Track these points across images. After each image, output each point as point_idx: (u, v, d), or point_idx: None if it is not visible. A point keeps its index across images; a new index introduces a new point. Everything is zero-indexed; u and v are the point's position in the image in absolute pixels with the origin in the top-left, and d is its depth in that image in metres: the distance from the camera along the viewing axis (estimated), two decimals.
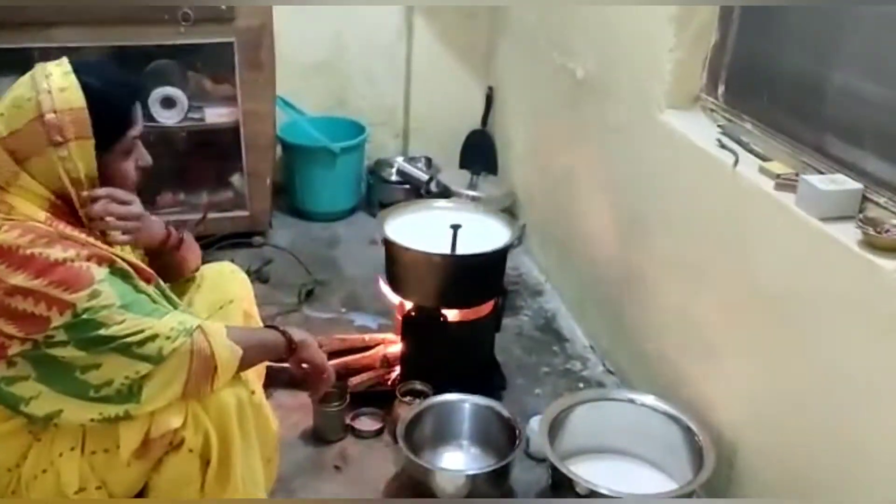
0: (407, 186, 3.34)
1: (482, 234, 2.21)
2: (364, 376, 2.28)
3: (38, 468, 1.46)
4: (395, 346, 2.33)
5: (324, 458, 2.10)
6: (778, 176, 1.70)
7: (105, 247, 1.42)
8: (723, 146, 1.91)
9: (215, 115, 2.95)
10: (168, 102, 2.89)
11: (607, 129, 2.42)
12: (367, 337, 2.46)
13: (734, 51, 2.00)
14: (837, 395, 1.54)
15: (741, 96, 1.99)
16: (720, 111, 2.04)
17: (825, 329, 1.56)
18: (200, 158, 3.17)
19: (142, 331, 1.36)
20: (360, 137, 3.34)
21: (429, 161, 3.53)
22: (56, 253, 1.33)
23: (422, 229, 2.21)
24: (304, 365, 1.68)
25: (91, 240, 1.41)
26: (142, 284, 1.45)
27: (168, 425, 1.42)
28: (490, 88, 3.52)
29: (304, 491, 1.99)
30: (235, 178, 3.11)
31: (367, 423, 2.20)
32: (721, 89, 2.04)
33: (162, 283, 1.54)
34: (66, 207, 1.42)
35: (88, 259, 1.35)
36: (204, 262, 1.90)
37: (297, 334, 1.64)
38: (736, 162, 1.82)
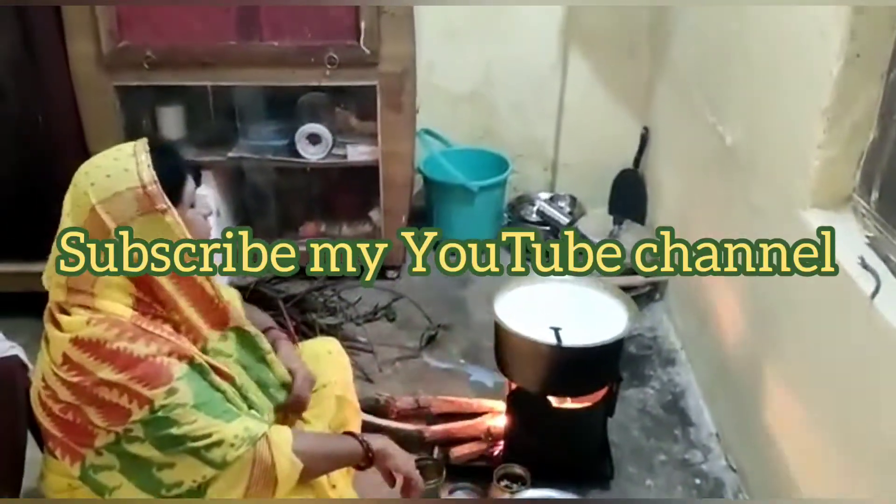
0: (546, 228, 3.25)
1: (599, 317, 2.11)
2: (466, 448, 2.25)
3: None
4: (500, 419, 2.28)
5: None
6: None
7: (186, 342, 1.46)
8: (865, 266, 1.69)
9: (357, 154, 2.99)
10: (314, 139, 2.97)
11: (750, 208, 2.22)
12: (475, 403, 2.42)
13: (892, 153, 1.76)
14: None
15: (894, 206, 1.75)
16: (872, 219, 1.81)
17: None
18: (343, 192, 3.24)
19: (209, 434, 1.40)
20: (501, 176, 3.27)
21: (573, 200, 3.41)
22: (139, 348, 1.38)
23: (536, 305, 2.14)
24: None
25: (173, 336, 1.46)
26: (218, 381, 1.48)
27: None
28: (645, 129, 3.34)
29: None
30: (374, 213, 3.15)
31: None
32: (874, 195, 1.80)
33: (238, 381, 1.56)
34: (148, 299, 1.46)
35: (169, 354, 1.40)
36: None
37: (376, 443, 1.62)
38: (875, 292, 1.61)
